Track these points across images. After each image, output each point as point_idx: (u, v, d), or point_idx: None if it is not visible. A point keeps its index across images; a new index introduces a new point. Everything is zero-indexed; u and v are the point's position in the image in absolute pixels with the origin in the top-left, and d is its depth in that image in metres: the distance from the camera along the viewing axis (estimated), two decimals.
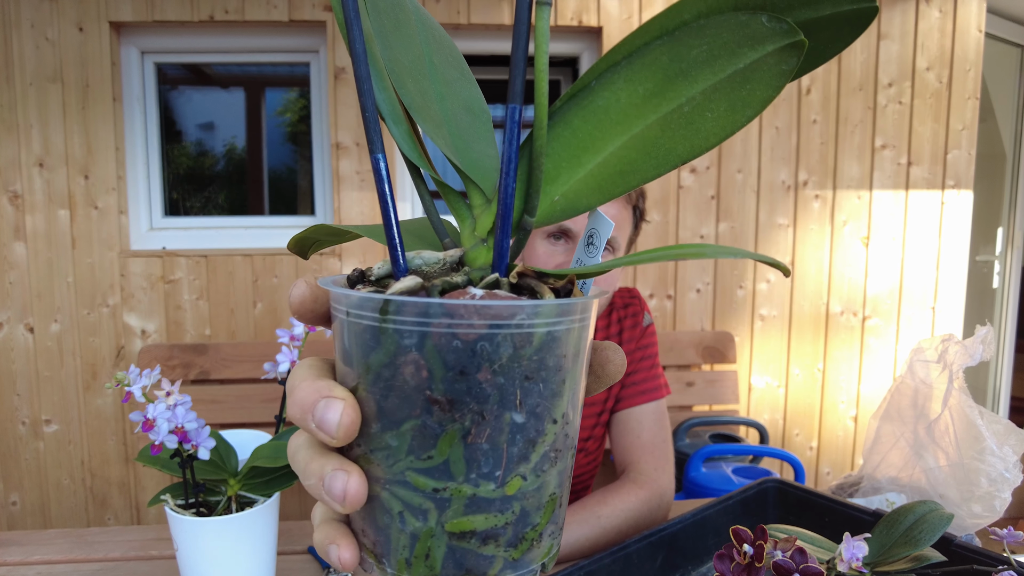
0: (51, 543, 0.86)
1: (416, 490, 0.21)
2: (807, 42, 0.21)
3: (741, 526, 0.45)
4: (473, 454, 0.20)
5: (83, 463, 1.80)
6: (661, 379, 1.01)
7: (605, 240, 0.28)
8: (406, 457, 0.21)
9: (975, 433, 1.05)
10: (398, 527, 0.21)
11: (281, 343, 0.69)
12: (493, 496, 0.21)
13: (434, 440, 0.20)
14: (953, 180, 1.99)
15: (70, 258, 1.74)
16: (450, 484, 0.21)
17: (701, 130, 0.22)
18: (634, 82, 0.22)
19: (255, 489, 0.66)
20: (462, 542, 0.21)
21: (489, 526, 0.21)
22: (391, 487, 0.21)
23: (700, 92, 0.22)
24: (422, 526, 0.21)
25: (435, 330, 0.20)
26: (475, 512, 0.21)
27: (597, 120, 0.23)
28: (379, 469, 0.21)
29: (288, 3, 1.72)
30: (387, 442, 0.21)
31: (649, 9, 1.83)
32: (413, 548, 0.21)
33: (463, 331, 0.20)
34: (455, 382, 0.20)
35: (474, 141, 0.27)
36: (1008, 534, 0.53)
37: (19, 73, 1.68)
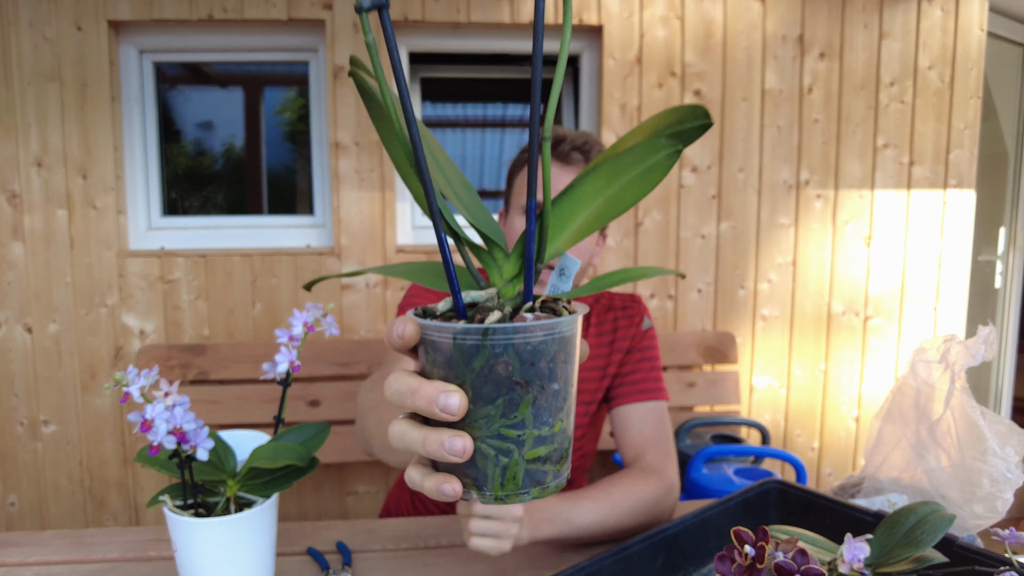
0: (49, 544, 0.85)
1: (506, 439, 0.34)
2: (683, 147, 0.37)
3: (742, 527, 0.45)
4: (538, 411, 0.34)
5: (81, 464, 1.80)
6: (661, 382, 1.04)
7: (573, 272, 0.42)
8: (499, 420, 0.34)
9: (977, 434, 1.05)
10: (493, 464, 0.35)
11: (280, 343, 0.69)
12: (549, 434, 0.35)
13: (517, 406, 0.34)
14: (955, 179, 1.99)
15: (68, 258, 1.74)
16: (526, 431, 0.34)
17: (625, 200, 0.39)
18: (595, 181, 0.38)
19: (254, 490, 0.66)
20: (533, 465, 0.35)
21: (547, 452, 0.35)
22: (488, 440, 0.34)
23: (627, 181, 0.38)
24: (509, 460, 0.34)
25: (516, 341, 0.33)
26: (540, 445, 0.35)
27: (574, 203, 0.39)
28: (479, 431, 0.34)
29: (287, 2, 1.72)
30: (487, 412, 0.34)
31: (650, 8, 1.83)
32: (504, 475, 0.35)
33: (531, 339, 0.34)
34: (527, 370, 0.34)
35: (480, 211, 0.40)
36: (1010, 535, 0.53)
37: (17, 72, 1.68)
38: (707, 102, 1.88)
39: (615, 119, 1.85)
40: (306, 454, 0.66)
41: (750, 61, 1.88)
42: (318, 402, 1.72)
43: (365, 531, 0.89)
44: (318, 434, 0.71)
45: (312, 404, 1.72)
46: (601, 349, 1.04)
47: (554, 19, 1.80)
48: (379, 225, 1.81)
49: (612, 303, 1.08)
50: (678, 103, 1.87)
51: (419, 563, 0.81)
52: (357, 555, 0.83)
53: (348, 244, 1.80)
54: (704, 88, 1.87)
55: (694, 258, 1.92)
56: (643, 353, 1.05)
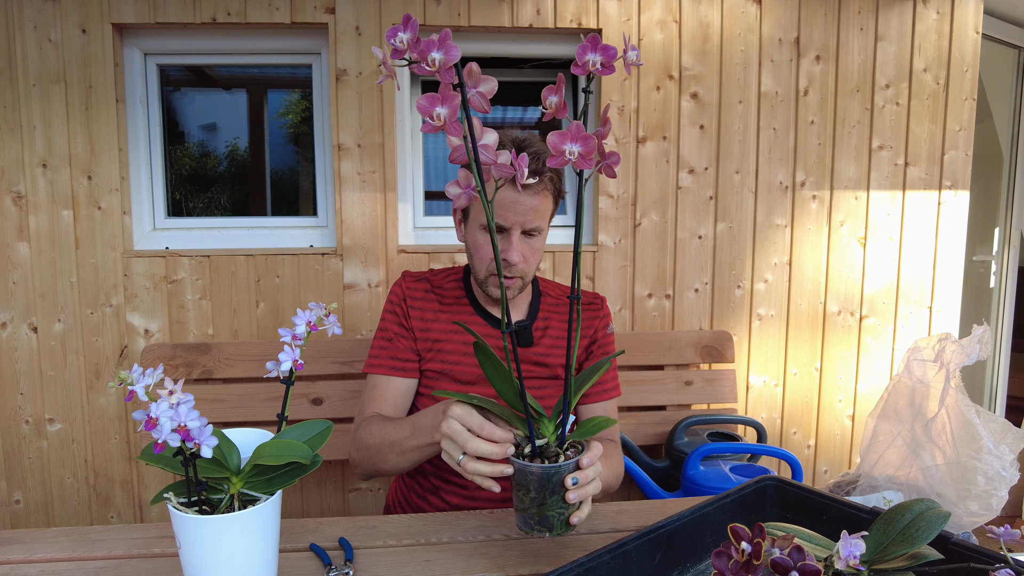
0: (54, 541, 0.86)
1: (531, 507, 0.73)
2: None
3: (739, 524, 0.46)
4: (552, 509, 0.73)
5: (86, 461, 1.81)
6: (617, 381, 1.20)
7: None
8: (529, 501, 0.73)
9: (972, 432, 1.06)
10: (553, 517, 0.73)
11: (283, 342, 0.70)
12: (553, 511, 0.73)
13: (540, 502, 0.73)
14: (950, 181, 2.00)
15: (73, 258, 1.75)
16: (541, 507, 0.73)
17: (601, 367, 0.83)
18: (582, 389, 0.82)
19: (257, 487, 0.67)
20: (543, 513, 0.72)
21: (542, 515, 0.72)
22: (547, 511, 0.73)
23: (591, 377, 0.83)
24: (534, 511, 0.73)
25: (547, 472, 0.72)
26: (546, 511, 0.72)
27: (584, 376, 0.82)
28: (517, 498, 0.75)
29: (290, 5, 1.73)
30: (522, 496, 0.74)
31: (647, 11, 1.84)
32: (554, 522, 0.73)
33: (561, 471, 0.73)
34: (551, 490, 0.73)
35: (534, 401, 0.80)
36: (1005, 532, 0.53)
37: (22, 74, 1.69)
38: (704, 104, 1.89)
39: (613, 121, 1.86)
40: (309, 451, 0.67)
41: (746, 64, 1.89)
42: (321, 400, 1.74)
43: (367, 527, 0.90)
44: (321, 432, 0.71)
45: (315, 402, 1.73)
46: (565, 336, 1.15)
47: (554, 23, 1.81)
48: (381, 226, 1.82)
49: (581, 298, 1.17)
50: (676, 106, 1.88)
51: (420, 559, 0.82)
52: (359, 551, 0.84)
53: (350, 245, 1.81)
54: (701, 91, 1.89)
55: (691, 258, 1.93)
56: (606, 355, 1.17)
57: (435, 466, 1.14)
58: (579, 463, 0.73)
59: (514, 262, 1.04)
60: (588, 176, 0.68)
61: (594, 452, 0.75)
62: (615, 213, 1.89)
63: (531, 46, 1.90)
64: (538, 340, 1.14)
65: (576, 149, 0.64)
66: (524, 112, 2.09)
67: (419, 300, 1.15)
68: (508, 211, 1.03)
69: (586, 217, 1.96)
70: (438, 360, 1.12)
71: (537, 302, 1.18)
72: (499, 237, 1.05)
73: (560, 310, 1.18)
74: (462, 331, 1.12)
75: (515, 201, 1.03)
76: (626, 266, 1.91)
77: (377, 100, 1.78)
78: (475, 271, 1.10)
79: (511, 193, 1.03)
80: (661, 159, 1.89)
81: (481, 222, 1.06)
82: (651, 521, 0.92)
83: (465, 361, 1.11)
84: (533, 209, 1.04)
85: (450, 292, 1.17)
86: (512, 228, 1.04)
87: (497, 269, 0.80)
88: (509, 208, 1.03)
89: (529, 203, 1.03)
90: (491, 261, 1.06)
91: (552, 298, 1.20)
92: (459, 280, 1.19)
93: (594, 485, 0.75)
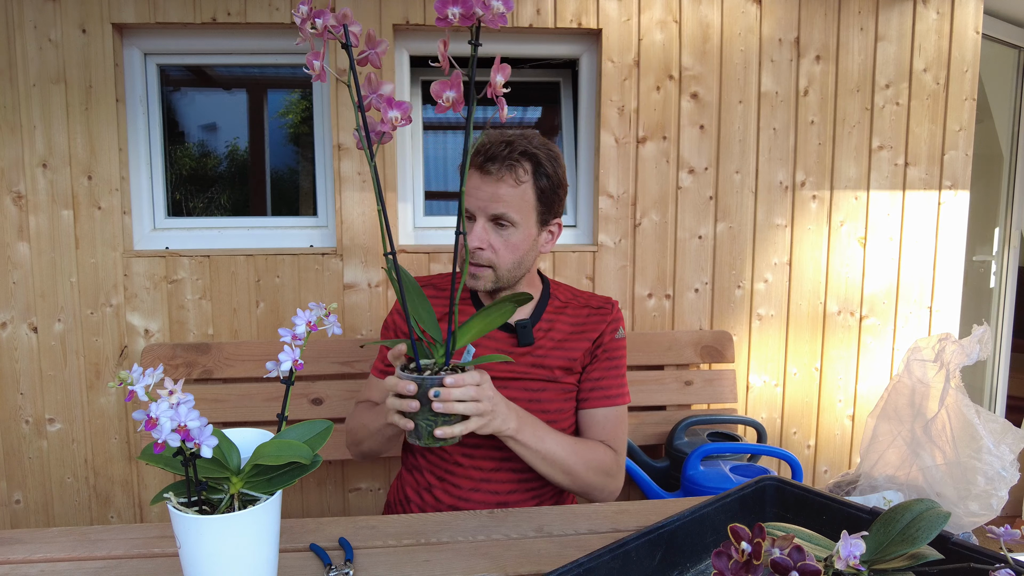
0: (54, 541, 0.86)
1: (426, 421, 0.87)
2: (516, 307, 0.89)
3: (739, 524, 0.46)
4: (421, 418, 0.88)
5: (86, 461, 1.81)
6: (625, 388, 1.18)
7: (471, 355, 1.00)
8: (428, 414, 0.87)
9: (972, 432, 1.06)
10: (422, 427, 0.87)
11: (283, 342, 0.70)
12: (422, 420, 0.87)
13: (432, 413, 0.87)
14: (950, 181, 2.00)
15: (73, 258, 1.75)
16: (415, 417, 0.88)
17: (492, 324, 0.91)
18: (477, 321, 0.91)
19: (257, 487, 0.67)
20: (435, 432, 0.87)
21: (416, 423, 0.87)
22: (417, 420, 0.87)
23: (490, 320, 0.91)
24: (426, 427, 0.87)
25: (416, 382, 0.86)
26: (418, 419, 0.87)
27: (466, 330, 0.91)
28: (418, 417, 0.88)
29: (290, 5, 1.73)
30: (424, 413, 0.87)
31: (648, 11, 1.84)
32: (423, 431, 0.87)
33: (426, 383, 0.86)
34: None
35: (435, 330, 0.91)
36: (1005, 532, 0.53)
37: (22, 74, 1.69)
38: (704, 104, 1.89)
39: (613, 121, 1.86)
40: (309, 451, 0.67)
41: (747, 64, 1.89)
42: (321, 400, 1.74)
43: (367, 527, 0.91)
44: (321, 432, 0.71)
45: (315, 402, 1.73)
46: (573, 339, 1.16)
47: (554, 23, 1.81)
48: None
49: (589, 303, 1.20)
50: (676, 105, 1.88)
51: (420, 559, 0.82)
52: (359, 551, 0.84)
53: (350, 245, 1.81)
54: (701, 91, 1.89)
55: (691, 258, 1.93)
56: (613, 362, 1.17)
57: (429, 462, 1.16)
58: (443, 381, 0.85)
59: (472, 247, 1.05)
60: (393, 125, 0.76)
61: (466, 376, 0.87)
62: (615, 213, 1.89)
63: (531, 46, 1.90)
64: (539, 341, 1.14)
65: (396, 115, 0.77)
66: (524, 112, 2.09)
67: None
68: (471, 196, 1.06)
69: (586, 217, 1.96)
70: None
71: (544, 303, 1.18)
72: (471, 223, 1.08)
73: (568, 312, 1.17)
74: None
75: (476, 187, 1.05)
76: (626, 266, 1.91)
77: None
78: None
79: (475, 178, 1.06)
80: (661, 159, 1.89)
81: (471, 211, 1.09)
82: (651, 521, 0.92)
83: None
84: (492, 196, 1.04)
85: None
86: (477, 214, 1.06)
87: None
88: (471, 194, 1.06)
89: (489, 189, 1.04)
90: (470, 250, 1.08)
91: (560, 301, 1.19)
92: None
93: (464, 406, 0.87)
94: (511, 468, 1.12)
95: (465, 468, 1.12)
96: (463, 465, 1.12)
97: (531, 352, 1.13)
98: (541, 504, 1.16)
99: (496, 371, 1.11)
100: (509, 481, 1.12)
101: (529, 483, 1.14)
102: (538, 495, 1.15)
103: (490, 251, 1.06)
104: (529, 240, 1.09)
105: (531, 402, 1.11)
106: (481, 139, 1.06)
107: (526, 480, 1.13)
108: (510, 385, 1.11)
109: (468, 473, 1.12)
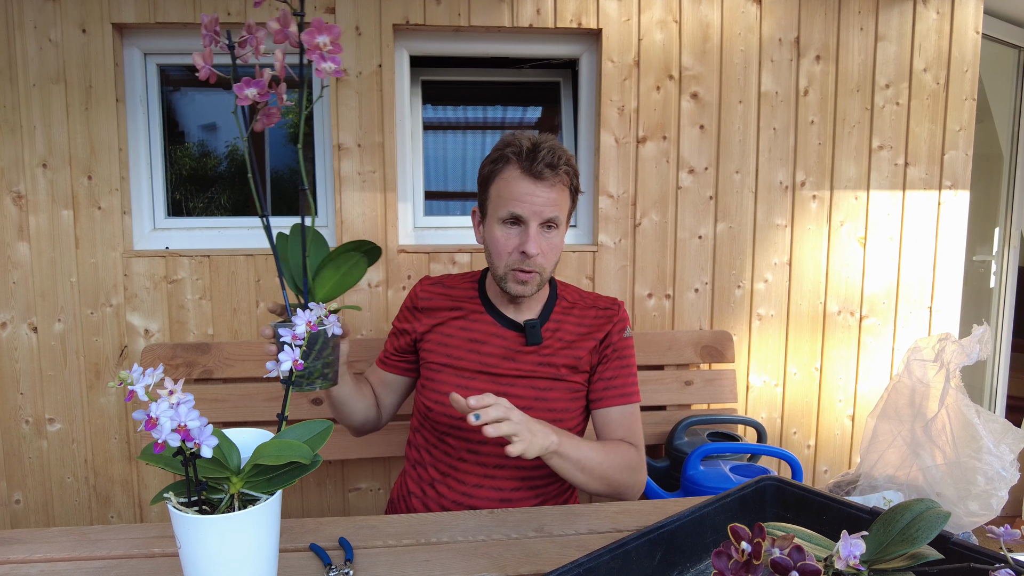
0: (54, 541, 0.86)
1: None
2: (368, 263, 0.89)
3: (739, 524, 0.46)
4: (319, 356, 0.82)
5: (86, 461, 1.81)
6: (637, 386, 1.20)
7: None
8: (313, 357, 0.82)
9: (972, 432, 1.06)
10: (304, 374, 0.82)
11: (283, 342, 0.70)
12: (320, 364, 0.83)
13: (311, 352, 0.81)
14: (950, 181, 2.00)
15: (73, 258, 1.75)
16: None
17: (348, 281, 0.88)
18: (331, 271, 0.87)
19: (257, 487, 0.67)
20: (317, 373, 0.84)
21: (317, 364, 0.83)
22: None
23: (343, 272, 0.87)
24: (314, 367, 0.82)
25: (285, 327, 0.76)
26: (319, 371, 0.83)
27: (322, 281, 0.87)
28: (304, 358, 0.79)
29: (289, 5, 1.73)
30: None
31: (648, 11, 1.84)
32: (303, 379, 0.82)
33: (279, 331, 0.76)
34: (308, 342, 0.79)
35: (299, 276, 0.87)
36: (1005, 532, 0.53)
37: (22, 74, 1.69)
38: (704, 104, 1.89)
39: (613, 121, 1.86)
40: (309, 451, 0.67)
41: (747, 64, 1.89)
42: (321, 400, 1.74)
43: (367, 527, 0.91)
44: (321, 432, 0.71)
45: (315, 402, 1.73)
46: (581, 340, 1.16)
47: (554, 23, 1.81)
48: (381, 226, 1.82)
49: (596, 303, 1.22)
50: (676, 105, 1.88)
51: (420, 559, 0.82)
52: (359, 551, 0.84)
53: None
54: (701, 91, 1.89)
55: (691, 258, 1.93)
56: (623, 360, 1.19)
57: (434, 457, 1.17)
58: (336, 339, 0.86)
59: (532, 253, 1.06)
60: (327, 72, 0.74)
61: (485, 397, 0.89)
62: (615, 213, 1.89)
63: (531, 46, 1.90)
64: (547, 340, 1.15)
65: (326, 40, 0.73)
66: (524, 112, 2.09)
67: (430, 301, 1.21)
68: (524, 202, 1.06)
69: (586, 217, 1.97)
70: (443, 354, 1.17)
71: (552, 303, 1.19)
72: (517, 230, 1.08)
73: (575, 313, 1.19)
74: (469, 328, 1.17)
75: (531, 192, 1.06)
76: (626, 266, 1.91)
77: (377, 100, 1.78)
78: (494, 269, 1.12)
79: (527, 184, 1.06)
80: (661, 159, 1.89)
81: (499, 216, 1.08)
82: (651, 521, 0.92)
83: (468, 357, 1.15)
84: (549, 201, 1.06)
85: (463, 293, 1.21)
86: (530, 220, 1.07)
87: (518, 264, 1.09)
88: (525, 199, 1.06)
89: (545, 195, 1.06)
90: (509, 254, 1.08)
91: (568, 302, 1.21)
92: (474, 282, 1.23)
93: (500, 427, 0.89)
94: (516, 465, 1.12)
95: (469, 464, 1.13)
96: (467, 460, 1.13)
97: (538, 351, 1.14)
98: (544, 502, 1.16)
99: (502, 369, 1.13)
100: (513, 478, 1.13)
101: (533, 480, 1.14)
102: (542, 493, 1.16)
103: (542, 256, 1.08)
104: (563, 240, 1.14)
105: (537, 400, 1.12)
106: (518, 141, 1.07)
107: (530, 478, 1.14)
108: (517, 383, 1.12)
109: (472, 469, 1.13)
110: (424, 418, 1.18)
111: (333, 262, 0.86)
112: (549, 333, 1.16)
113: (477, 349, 1.15)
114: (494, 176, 1.10)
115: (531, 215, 1.06)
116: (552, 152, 1.05)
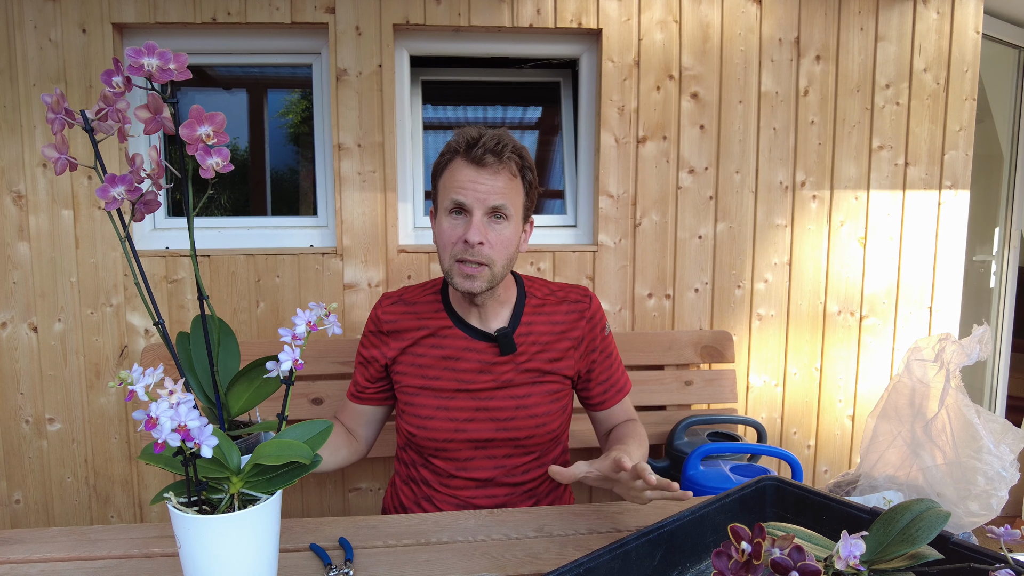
0: (54, 541, 0.86)
1: None
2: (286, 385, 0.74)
3: (739, 524, 0.46)
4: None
5: (86, 461, 1.81)
6: (626, 374, 1.24)
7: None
8: None
9: (972, 432, 1.06)
10: None
11: (283, 342, 0.70)
12: None
13: None
14: (950, 181, 2.00)
15: (73, 258, 1.75)
16: None
17: (263, 393, 0.77)
18: (247, 382, 0.77)
19: (257, 487, 0.67)
20: None
21: None
22: None
23: (259, 384, 0.77)
24: None
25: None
26: None
27: (236, 392, 0.76)
28: None
29: (290, 5, 1.73)
30: None
31: (648, 11, 1.84)
32: None
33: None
34: None
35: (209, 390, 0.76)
36: (1005, 532, 0.53)
37: (22, 74, 1.69)
38: (704, 104, 1.89)
39: (613, 121, 1.86)
40: (309, 451, 0.67)
41: (747, 64, 1.89)
42: (321, 400, 1.74)
43: (367, 527, 0.91)
44: (321, 432, 0.72)
45: (315, 402, 1.73)
46: (555, 341, 1.14)
47: (554, 23, 1.81)
48: (381, 226, 1.82)
49: (567, 297, 1.18)
50: (676, 105, 1.88)
51: (420, 559, 0.82)
52: (359, 551, 0.84)
53: (350, 245, 1.81)
54: (701, 91, 1.89)
55: (691, 258, 1.93)
56: (611, 358, 1.21)
57: (433, 472, 1.15)
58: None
59: (473, 241, 1.01)
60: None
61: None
62: (615, 213, 1.89)
63: (531, 46, 1.90)
64: (521, 347, 1.12)
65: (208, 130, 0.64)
66: (524, 112, 2.09)
67: (395, 323, 1.15)
68: (466, 189, 1.03)
69: (586, 217, 1.97)
70: (418, 375, 1.12)
71: (521, 305, 1.15)
72: (462, 220, 1.04)
73: (545, 311, 1.15)
74: (440, 345, 1.12)
75: (473, 180, 1.03)
76: (626, 266, 1.91)
77: (377, 100, 1.78)
78: (442, 264, 1.08)
79: (470, 172, 1.03)
80: (661, 159, 1.89)
81: (444, 207, 1.05)
82: (651, 521, 0.92)
83: (444, 376, 1.11)
84: (494, 189, 1.03)
85: (427, 308, 1.15)
86: (473, 207, 1.02)
87: None
88: (467, 187, 1.03)
89: (489, 182, 1.03)
90: (453, 245, 1.04)
91: (537, 299, 1.16)
92: (436, 293, 1.17)
93: None
94: (507, 480, 1.14)
95: (460, 479, 1.14)
96: (458, 476, 1.13)
97: (513, 359, 1.11)
98: (538, 502, 1.16)
99: (480, 383, 1.10)
100: (506, 485, 1.13)
101: (526, 484, 1.15)
102: (534, 494, 1.17)
103: (488, 246, 1.03)
104: (517, 236, 1.08)
105: (519, 408, 1.11)
106: (463, 132, 1.05)
107: (523, 483, 1.14)
108: (496, 395, 1.11)
109: (464, 484, 1.14)
110: (408, 442, 1.16)
111: (245, 376, 0.77)
112: (522, 338, 1.12)
113: (452, 367, 1.10)
114: (441, 170, 1.08)
115: (474, 202, 1.02)
116: (496, 139, 1.02)
